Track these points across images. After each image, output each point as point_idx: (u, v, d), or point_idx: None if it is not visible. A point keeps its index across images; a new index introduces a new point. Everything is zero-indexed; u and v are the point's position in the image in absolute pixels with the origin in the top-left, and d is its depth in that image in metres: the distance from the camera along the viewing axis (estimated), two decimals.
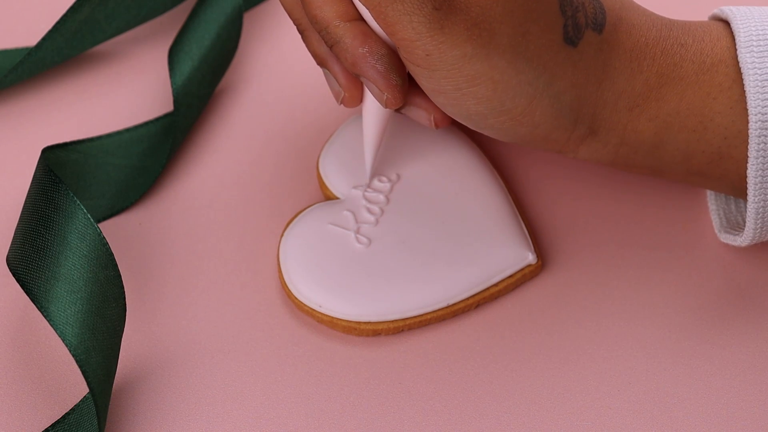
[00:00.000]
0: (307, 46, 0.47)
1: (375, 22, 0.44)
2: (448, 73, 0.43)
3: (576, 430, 0.46)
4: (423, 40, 0.42)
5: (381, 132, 0.49)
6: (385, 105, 0.45)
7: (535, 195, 0.53)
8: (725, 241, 0.49)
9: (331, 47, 0.45)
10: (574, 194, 0.53)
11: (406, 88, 0.45)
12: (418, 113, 0.48)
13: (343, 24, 0.44)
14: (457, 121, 0.49)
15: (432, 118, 0.48)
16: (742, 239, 0.47)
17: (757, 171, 0.45)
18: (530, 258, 0.50)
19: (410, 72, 0.45)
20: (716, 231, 0.50)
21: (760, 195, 0.45)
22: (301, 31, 0.47)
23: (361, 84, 0.47)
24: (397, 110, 0.49)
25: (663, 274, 0.50)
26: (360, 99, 0.48)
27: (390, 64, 0.45)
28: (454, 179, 0.52)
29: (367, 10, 0.44)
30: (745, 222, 0.49)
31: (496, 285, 0.49)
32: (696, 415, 0.47)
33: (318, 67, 0.57)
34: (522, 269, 0.50)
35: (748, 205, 0.46)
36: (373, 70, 0.45)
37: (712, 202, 0.50)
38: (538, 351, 0.48)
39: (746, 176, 0.46)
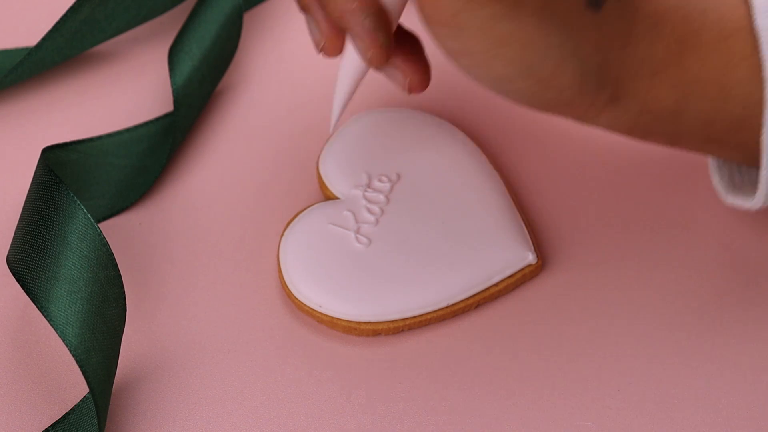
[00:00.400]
0: None
1: None
2: (477, 33, 0.42)
3: (576, 430, 0.46)
4: None
5: (355, 86, 0.48)
6: (368, 63, 0.45)
7: (535, 195, 0.53)
8: (732, 203, 0.48)
9: None
10: (574, 194, 0.53)
11: (391, 49, 0.45)
12: (395, 74, 0.47)
13: None
14: (455, 119, 0.49)
15: (407, 82, 0.47)
16: (753, 203, 0.47)
17: None
18: (530, 258, 0.50)
19: (432, 33, 0.44)
20: (722, 195, 0.49)
21: None
22: None
23: (342, 35, 0.46)
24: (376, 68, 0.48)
25: (663, 274, 0.50)
26: (340, 50, 0.47)
27: (378, 22, 0.44)
28: (454, 179, 0.52)
29: None
30: (753, 186, 0.48)
31: (496, 285, 0.49)
32: (696, 415, 0.47)
33: (317, 67, 0.57)
34: (522, 269, 0.50)
35: (761, 171, 0.45)
36: (360, 27, 0.44)
37: (714, 169, 0.50)
38: (538, 351, 0.48)
39: (761, 143, 0.45)
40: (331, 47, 0.46)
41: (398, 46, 0.46)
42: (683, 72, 0.45)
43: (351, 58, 0.46)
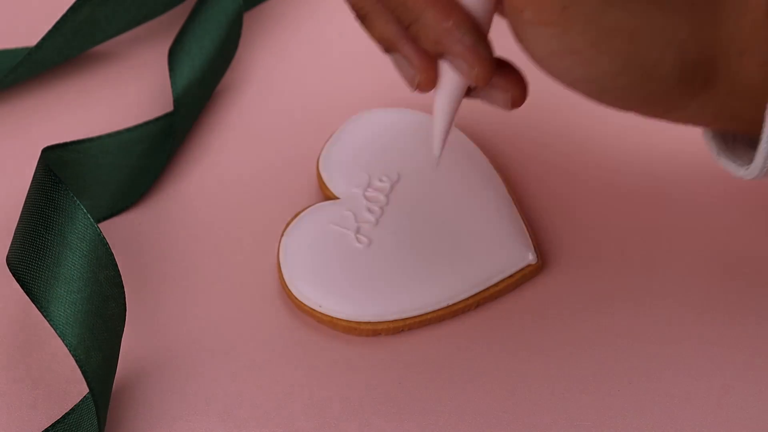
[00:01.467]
0: (371, 31, 0.43)
1: None
2: (585, 27, 0.40)
3: (576, 430, 0.46)
4: None
5: (454, 112, 0.45)
6: (475, 81, 0.42)
7: (535, 195, 0.53)
8: (726, 168, 0.46)
9: (408, 26, 0.42)
10: (574, 194, 0.53)
11: (493, 62, 0.42)
12: (494, 94, 0.44)
13: None
14: (455, 119, 0.49)
15: (509, 97, 0.44)
16: (748, 171, 0.45)
17: None
18: (530, 258, 0.50)
19: (529, 37, 0.42)
20: (714, 156, 0.47)
21: None
22: (362, 16, 0.43)
23: (436, 64, 0.43)
24: (469, 95, 0.45)
25: (663, 274, 0.50)
26: (435, 80, 0.44)
27: (477, 36, 0.42)
28: (454, 179, 0.52)
29: None
30: (747, 148, 0.47)
31: (496, 285, 0.49)
32: (696, 414, 0.47)
33: (317, 67, 0.57)
34: (522, 269, 0.50)
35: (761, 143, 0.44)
36: (461, 45, 0.41)
37: (708, 133, 0.48)
38: (538, 351, 0.48)
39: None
40: (428, 80, 0.43)
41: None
42: None
43: (447, 82, 0.44)
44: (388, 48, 0.44)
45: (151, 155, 0.54)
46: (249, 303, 0.50)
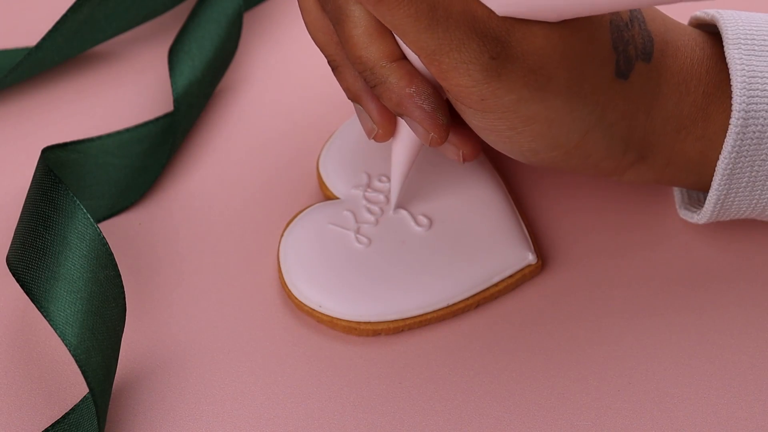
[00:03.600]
0: (340, 81, 0.46)
1: (419, 62, 0.44)
2: (503, 115, 0.43)
3: (576, 430, 0.47)
4: (479, 87, 0.42)
5: (410, 165, 0.48)
6: (429, 143, 0.45)
7: (535, 195, 0.53)
8: (683, 217, 0.49)
9: (373, 87, 0.44)
10: (574, 194, 0.53)
11: (449, 127, 0.45)
12: (448, 148, 0.47)
13: (389, 64, 0.44)
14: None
15: (461, 153, 0.47)
16: (699, 217, 0.48)
17: (727, 165, 0.45)
18: (530, 258, 0.50)
19: (459, 111, 0.44)
20: (677, 208, 0.50)
21: (725, 185, 0.46)
22: (334, 67, 0.46)
23: (395, 119, 0.47)
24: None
25: (663, 274, 0.50)
26: (392, 134, 0.47)
27: (436, 103, 0.44)
28: (454, 179, 0.52)
29: (413, 53, 0.43)
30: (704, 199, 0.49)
31: (496, 285, 0.49)
32: (696, 415, 0.47)
33: (317, 67, 0.57)
34: (522, 269, 0.50)
35: (710, 192, 0.46)
36: (420, 110, 0.44)
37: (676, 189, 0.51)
38: (538, 351, 0.48)
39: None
40: (386, 134, 0.47)
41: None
42: (709, 124, 0.45)
43: (404, 137, 0.47)
44: (353, 99, 0.47)
45: (151, 155, 0.54)
46: (249, 303, 0.50)
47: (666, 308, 0.49)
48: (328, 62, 0.47)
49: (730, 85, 0.45)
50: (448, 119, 0.45)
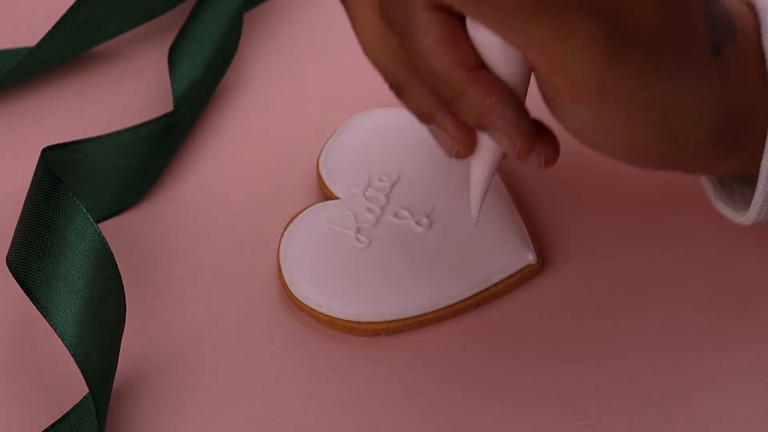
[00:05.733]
0: (408, 103, 0.43)
1: (502, 67, 0.41)
2: (621, 106, 0.40)
3: (576, 430, 0.46)
4: (599, 74, 0.39)
5: (490, 181, 0.45)
6: (517, 155, 0.42)
7: (535, 195, 0.53)
8: (722, 212, 0.47)
9: (450, 101, 0.41)
10: (574, 194, 0.53)
11: (536, 134, 0.42)
12: (531, 158, 0.44)
13: (467, 75, 0.40)
14: None
15: (542, 159, 0.44)
16: (745, 218, 0.46)
17: None
18: (530, 258, 0.50)
19: (564, 115, 0.42)
20: (712, 200, 0.48)
21: None
22: (399, 89, 0.43)
23: (475, 133, 0.43)
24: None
25: (663, 274, 0.50)
26: (473, 149, 0.43)
27: (520, 111, 0.41)
28: (454, 179, 0.51)
29: (495, 55, 0.41)
30: (752, 196, 0.47)
31: (496, 285, 0.49)
32: (696, 415, 0.47)
33: (318, 67, 0.57)
34: (522, 269, 0.50)
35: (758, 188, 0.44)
36: (504, 121, 0.41)
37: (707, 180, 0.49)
38: (538, 351, 0.48)
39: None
40: (468, 150, 0.43)
41: None
42: None
43: (485, 150, 0.44)
44: (425, 119, 0.43)
45: (151, 155, 0.54)
46: (249, 303, 0.50)
47: (666, 308, 0.49)
48: (390, 86, 0.43)
49: None
50: (534, 127, 0.42)
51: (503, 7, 0.38)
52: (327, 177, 0.52)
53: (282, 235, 0.50)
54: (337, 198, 0.51)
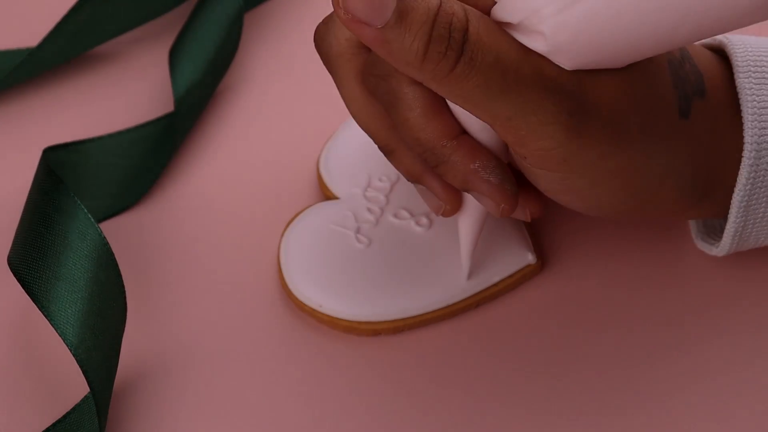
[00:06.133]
0: (397, 165, 0.45)
1: (482, 134, 0.43)
2: (585, 173, 0.42)
3: (576, 430, 0.47)
4: (562, 148, 0.41)
5: (479, 235, 0.48)
6: (500, 214, 0.44)
7: None
8: (701, 248, 0.49)
9: (435, 167, 0.43)
10: None
11: (518, 194, 0.44)
12: (516, 212, 0.47)
13: (450, 143, 0.43)
14: None
15: (527, 212, 0.47)
16: (718, 250, 0.47)
17: (743, 198, 0.45)
18: (530, 258, 0.50)
19: (532, 177, 0.43)
20: (693, 238, 0.50)
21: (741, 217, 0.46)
22: (389, 152, 0.45)
23: (460, 193, 0.46)
24: None
25: (663, 274, 0.50)
26: (460, 206, 0.46)
27: (503, 174, 0.43)
28: None
29: (475, 122, 0.43)
30: (722, 228, 0.49)
31: (496, 285, 0.49)
32: (696, 414, 0.47)
33: (318, 67, 0.57)
34: (522, 269, 0.50)
35: (727, 225, 0.46)
36: (487, 184, 0.43)
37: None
38: (538, 351, 0.48)
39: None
40: (454, 209, 0.46)
41: None
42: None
43: (470, 209, 0.46)
44: (414, 180, 0.46)
45: (151, 155, 0.54)
46: (249, 303, 0.50)
47: (666, 308, 0.49)
48: (380, 148, 0.45)
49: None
50: (516, 187, 0.44)
51: (469, 86, 0.40)
52: (327, 177, 0.52)
53: (282, 235, 0.51)
54: (337, 198, 0.51)
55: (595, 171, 0.42)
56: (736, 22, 0.38)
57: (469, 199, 0.46)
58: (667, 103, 0.43)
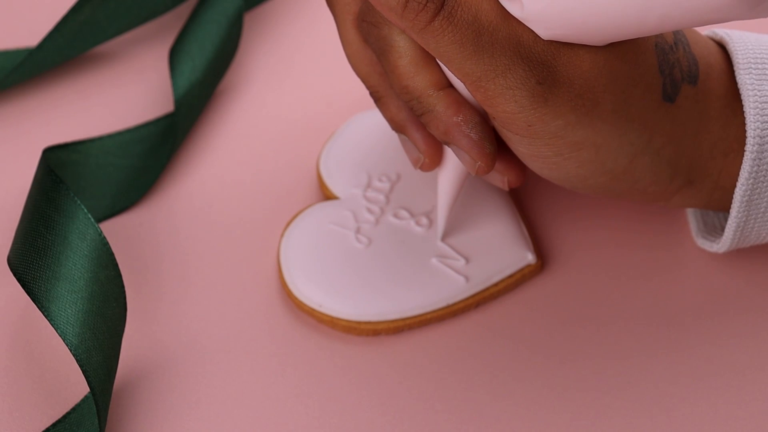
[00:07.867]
0: (384, 112, 0.46)
1: (466, 90, 0.44)
2: (550, 141, 0.43)
3: (576, 430, 0.47)
4: (526, 113, 0.41)
5: (457, 194, 0.48)
6: (476, 172, 0.44)
7: (535, 195, 0.53)
8: (702, 246, 0.49)
9: (420, 116, 0.44)
10: (574, 194, 0.53)
11: (496, 155, 0.44)
12: (493, 175, 0.47)
13: (436, 93, 0.44)
14: None
15: (506, 180, 0.47)
16: (719, 246, 0.47)
17: (745, 192, 0.45)
18: (530, 258, 0.50)
19: (504, 138, 0.44)
20: (693, 236, 0.50)
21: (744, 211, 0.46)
22: (377, 98, 0.46)
23: (441, 148, 0.47)
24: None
25: (663, 273, 0.50)
26: (439, 162, 0.47)
27: (483, 132, 0.44)
28: None
29: (459, 81, 0.43)
30: (722, 226, 0.49)
31: (496, 285, 0.49)
32: (696, 415, 0.47)
33: (318, 67, 0.57)
34: (522, 269, 0.50)
35: (729, 219, 0.46)
36: (467, 139, 0.44)
37: (690, 213, 0.50)
38: (538, 351, 0.48)
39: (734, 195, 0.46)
40: (432, 163, 0.47)
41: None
42: None
43: (450, 166, 0.47)
44: (397, 129, 0.46)
45: (151, 155, 0.54)
46: (249, 303, 0.50)
47: (665, 307, 0.49)
48: (371, 94, 0.46)
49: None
50: (495, 148, 0.44)
51: (444, 42, 0.41)
52: (327, 177, 0.52)
53: (282, 235, 0.51)
54: (337, 198, 0.52)
55: (559, 141, 0.43)
56: (705, 17, 0.39)
57: (450, 157, 0.47)
58: (648, 86, 0.43)
